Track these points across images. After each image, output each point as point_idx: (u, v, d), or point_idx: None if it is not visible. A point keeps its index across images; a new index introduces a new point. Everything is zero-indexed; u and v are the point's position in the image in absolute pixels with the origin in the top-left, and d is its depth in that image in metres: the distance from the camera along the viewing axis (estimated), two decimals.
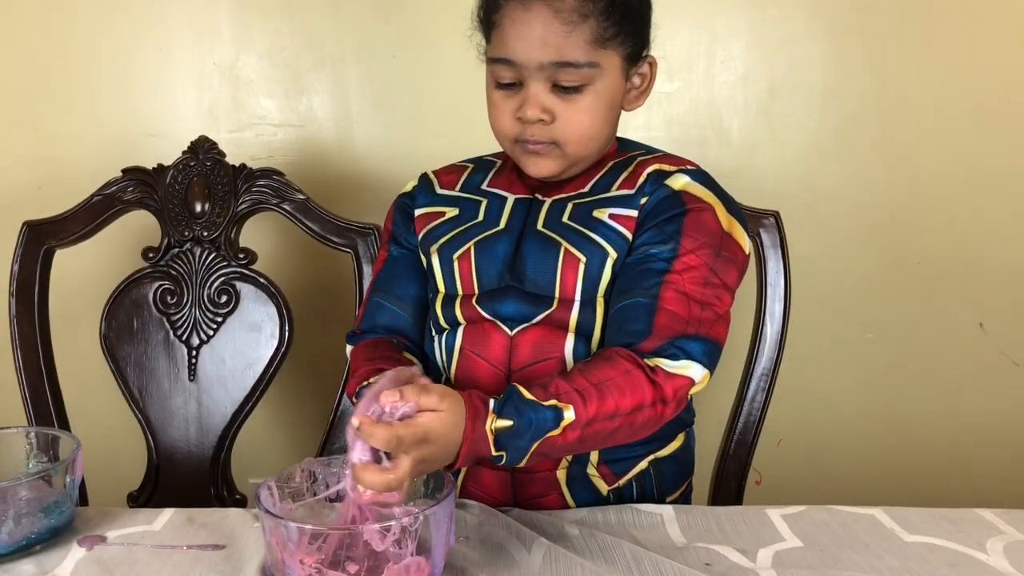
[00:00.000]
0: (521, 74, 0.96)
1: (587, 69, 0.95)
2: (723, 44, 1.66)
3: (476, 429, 0.80)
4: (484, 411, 0.82)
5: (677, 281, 0.94)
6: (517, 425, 0.82)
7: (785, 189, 1.68)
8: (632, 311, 0.94)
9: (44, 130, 1.70)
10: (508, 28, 0.96)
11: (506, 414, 0.82)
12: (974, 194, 1.68)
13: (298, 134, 1.71)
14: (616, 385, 0.87)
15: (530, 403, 0.83)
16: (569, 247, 0.99)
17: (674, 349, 0.91)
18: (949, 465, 1.79)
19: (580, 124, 0.97)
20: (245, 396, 1.31)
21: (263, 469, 1.76)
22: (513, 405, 0.83)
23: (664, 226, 0.97)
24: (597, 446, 0.92)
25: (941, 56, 1.64)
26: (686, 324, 0.93)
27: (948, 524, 0.93)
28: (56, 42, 1.67)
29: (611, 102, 0.99)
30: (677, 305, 0.93)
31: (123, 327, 1.31)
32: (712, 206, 0.99)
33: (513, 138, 1.00)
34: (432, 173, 1.14)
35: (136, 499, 1.32)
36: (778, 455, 1.73)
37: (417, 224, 1.10)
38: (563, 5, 0.93)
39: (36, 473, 0.91)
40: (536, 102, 0.96)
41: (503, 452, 0.82)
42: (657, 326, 0.92)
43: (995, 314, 1.73)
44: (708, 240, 0.96)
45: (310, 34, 1.67)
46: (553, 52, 0.93)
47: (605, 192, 1.01)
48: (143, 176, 1.32)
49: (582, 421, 0.84)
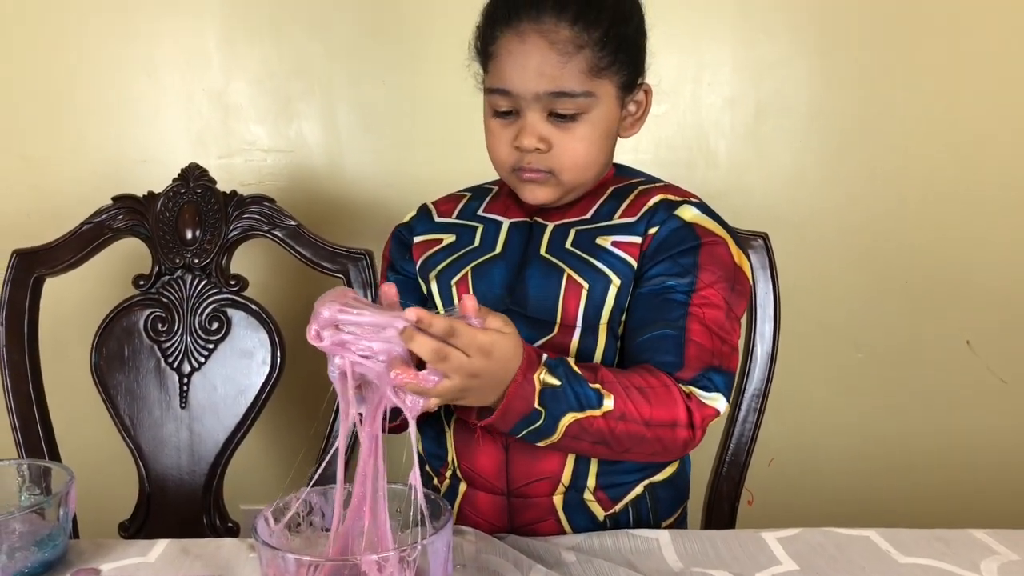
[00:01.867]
0: (518, 103, 0.97)
1: (583, 98, 0.96)
2: (710, 67, 1.68)
3: (528, 373, 0.83)
4: (537, 362, 0.84)
5: (699, 314, 0.96)
6: (564, 387, 0.85)
7: (773, 211, 1.69)
8: (661, 343, 0.96)
9: (33, 158, 1.70)
10: (504, 59, 0.97)
11: (557, 373, 0.85)
12: (960, 213, 1.70)
13: (288, 160, 1.71)
14: (656, 395, 0.90)
15: (578, 376, 0.86)
16: (572, 273, 1.00)
17: (706, 381, 0.94)
18: (939, 482, 1.80)
19: (576, 153, 0.98)
20: (237, 423, 1.31)
21: (256, 496, 1.76)
22: (564, 370, 0.86)
23: (679, 258, 0.99)
24: (625, 450, 0.92)
25: (926, 78, 1.66)
26: (712, 356, 0.95)
27: (942, 545, 0.93)
28: (45, 69, 1.67)
29: (607, 130, 1.00)
30: (703, 338, 0.95)
31: (114, 355, 1.31)
32: (725, 240, 1.01)
33: (511, 166, 1.01)
34: (431, 204, 1.15)
35: (127, 528, 1.31)
36: (769, 474, 1.74)
37: (415, 252, 1.10)
38: (558, 36, 0.94)
39: (29, 507, 0.90)
40: (533, 131, 0.97)
41: (543, 408, 0.84)
42: (688, 357, 0.94)
43: (982, 332, 1.74)
44: (724, 274, 0.99)
45: (299, 60, 1.68)
46: (549, 82, 0.95)
47: (608, 220, 1.03)
48: (133, 204, 1.32)
49: (617, 414, 0.87)
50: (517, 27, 0.96)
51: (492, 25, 0.99)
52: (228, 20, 1.66)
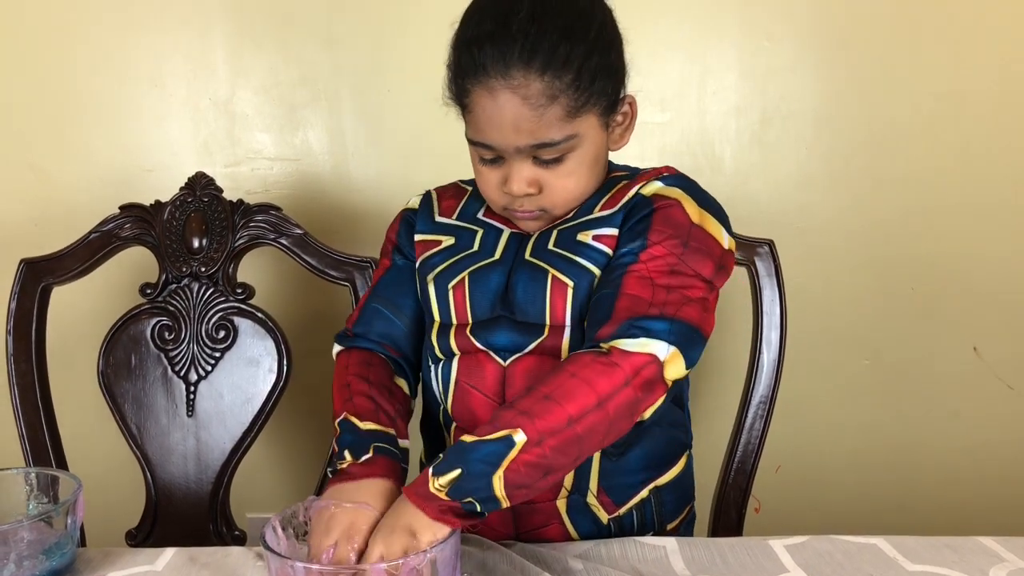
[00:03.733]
0: (501, 153, 0.97)
1: (565, 143, 0.95)
2: (715, 75, 1.68)
3: (418, 489, 0.81)
4: (424, 479, 0.82)
5: (641, 270, 0.93)
6: (466, 471, 0.81)
7: (779, 217, 1.69)
8: (596, 304, 0.94)
9: (41, 167, 1.70)
10: (480, 115, 0.95)
11: (446, 468, 0.81)
12: (966, 219, 1.70)
13: (294, 168, 1.71)
14: (564, 390, 0.84)
15: (472, 445, 0.82)
16: (556, 273, 0.99)
17: (633, 329, 0.88)
18: (947, 490, 1.79)
19: (567, 189, 0.98)
20: (244, 431, 1.31)
21: (262, 504, 1.76)
22: (455, 454, 0.82)
23: (634, 227, 0.97)
24: (581, 453, 0.87)
25: (931, 83, 1.66)
26: (648, 305, 0.89)
27: (950, 552, 0.93)
28: (53, 79, 1.68)
29: (595, 157, 1.00)
30: (639, 289, 0.91)
31: (121, 363, 1.31)
32: (679, 200, 0.97)
33: (503, 207, 1.02)
34: (435, 193, 1.14)
35: (135, 536, 1.31)
36: (776, 481, 1.73)
37: (417, 249, 1.10)
38: (529, 91, 0.91)
39: (37, 515, 0.90)
40: (520, 178, 0.96)
41: (471, 499, 0.81)
42: (616, 310, 0.90)
43: (989, 338, 1.74)
44: (674, 232, 0.95)
45: (305, 69, 1.68)
46: (528, 136, 0.93)
47: (588, 215, 1.01)
48: (140, 213, 1.32)
49: (535, 439, 0.82)
50: (487, 83, 0.92)
51: (463, 77, 0.95)
52: (234, 30, 1.67)
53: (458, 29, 0.97)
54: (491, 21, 0.93)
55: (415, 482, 0.83)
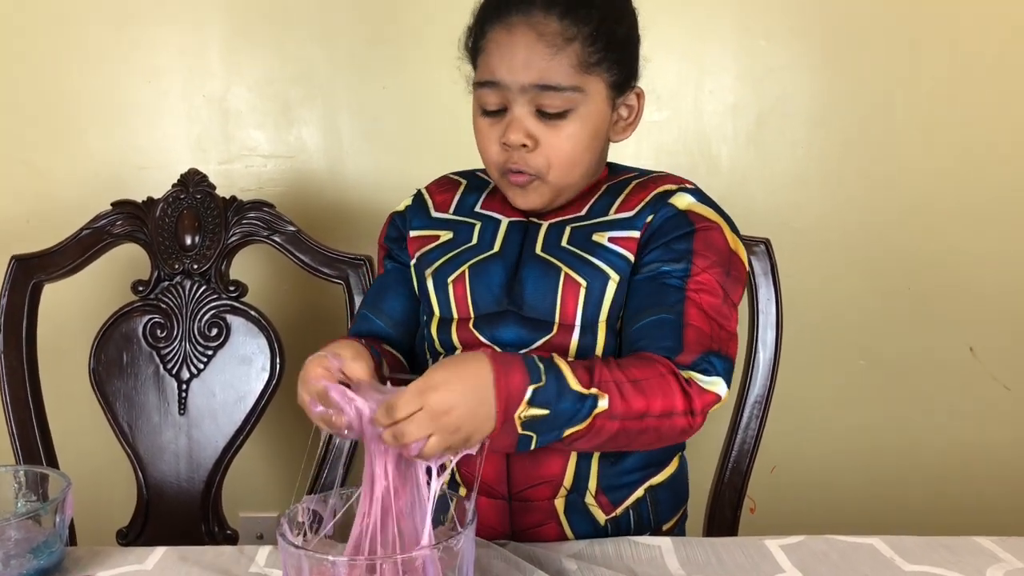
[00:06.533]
0: (505, 98, 0.96)
1: (570, 93, 0.95)
2: (711, 74, 1.67)
3: (508, 415, 0.80)
4: (519, 397, 0.80)
5: (696, 299, 0.95)
6: (552, 413, 0.82)
7: (775, 217, 1.69)
8: (659, 329, 0.94)
9: (33, 163, 1.69)
10: (493, 52, 0.97)
11: (542, 400, 0.81)
12: (963, 220, 1.69)
13: (288, 165, 1.71)
14: (651, 386, 0.87)
15: (567, 389, 0.83)
16: (569, 271, 0.98)
17: (706, 364, 0.92)
18: (942, 490, 1.79)
19: (563, 151, 0.97)
20: (236, 430, 1.30)
21: (254, 503, 1.75)
22: (552, 390, 0.82)
23: (673, 244, 0.97)
24: (627, 446, 0.91)
25: (928, 84, 1.66)
26: (711, 340, 0.93)
27: (947, 552, 0.93)
28: (46, 75, 1.67)
29: (595, 130, 0.99)
30: (701, 322, 0.94)
31: (112, 361, 1.30)
32: (719, 225, 1.00)
33: (499, 165, 1.00)
34: (426, 191, 1.13)
35: (125, 536, 1.30)
36: (772, 482, 1.73)
37: (411, 246, 1.09)
38: (547, 28, 0.94)
39: (25, 514, 0.89)
40: (519, 126, 0.96)
41: (533, 434, 0.82)
42: (687, 341, 0.92)
43: (985, 338, 1.73)
44: (718, 259, 0.97)
45: (299, 66, 1.68)
46: (536, 75, 0.94)
47: (603, 215, 1.01)
48: (133, 209, 1.32)
49: (611, 413, 0.84)
50: (506, 20, 0.95)
51: (482, 22, 0.99)
52: (229, 27, 1.66)
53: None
54: None
55: (510, 391, 0.80)
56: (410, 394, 0.76)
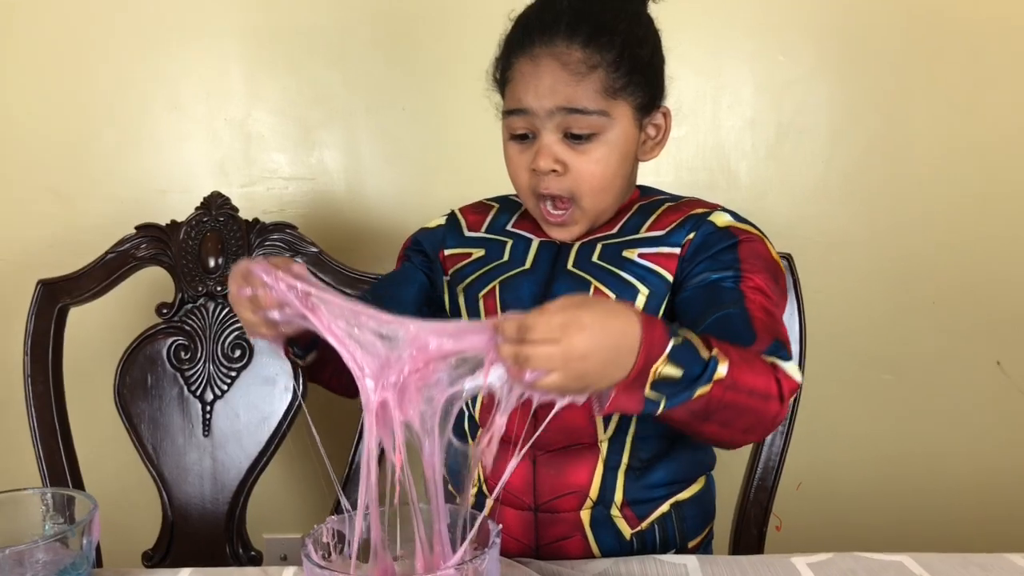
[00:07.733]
0: (533, 124, 0.98)
1: (597, 117, 0.96)
2: (730, 88, 1.67)
3: (647, 364, 0.75)
4: (660, 349, 0.75)
5: (752, 297, 0.94)
6: (682, 379, 0.77)
7: (796, 231, 1.68)
8: (728, 323, 0.91)
9: (58, 188, 1.71)
10: (519, 81, 0.98)
11: (678, 360, 0.76)
12: (987, 231, 1.68)
13: (309, 187, 1.72)
14: (753, 364, 0.84)
15: (696, 359, 0.78)
16: (599, 285, 0.99)
17: (783, 351, 0.89)
18: (971, 506, 1.76)
19: (593, 176, 0.98)
20: (260, 451, 1.31)
21: (279, 525, 1.76)
22: (685, 355, 0.77)
23: (720, 256, 0.98)
24: (728, 423, 0.85)
25: (947, 95, 1.65)
26: (777, 331, 0.92)
27: (979, 570, 0.91)
28: (69, 100, 1.69)
29: (624, 153, 1.00)
30: (763, 315, 0.92)
31: (137, 383, 1.31)
32: (761, 237, 1.01)
33: (530, 190, 1.01)
34: (459, 212, 1.14)
35: (151, 557, 1.30)
36: (797, 499, 1.71)
37: (446, 264, 1.11)
38: (570, 58, 0.95)
39: (52, 536, 0.90)
40: (548, 152, 0.97)
41: (661, 397, 0.77)
42: (758, 329, 0.90)
43: (1012, 352, 1.71)
44: (765, 265, 0.98)
45: (319, 89, 1.69)
46: (562, 99, 0.95)
47: (634, 234, 1.02)
48: (156, 233, 1.33)
49: (728, 382, 0.79)
50: (530, 51, 0.97)
51: (508, 53, 1.01)
52: (249, 51, 1.68)
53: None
54: (542, 3, 1.01)
55: (652, 343, 0.75)
56: (553, 322, 0.71)
